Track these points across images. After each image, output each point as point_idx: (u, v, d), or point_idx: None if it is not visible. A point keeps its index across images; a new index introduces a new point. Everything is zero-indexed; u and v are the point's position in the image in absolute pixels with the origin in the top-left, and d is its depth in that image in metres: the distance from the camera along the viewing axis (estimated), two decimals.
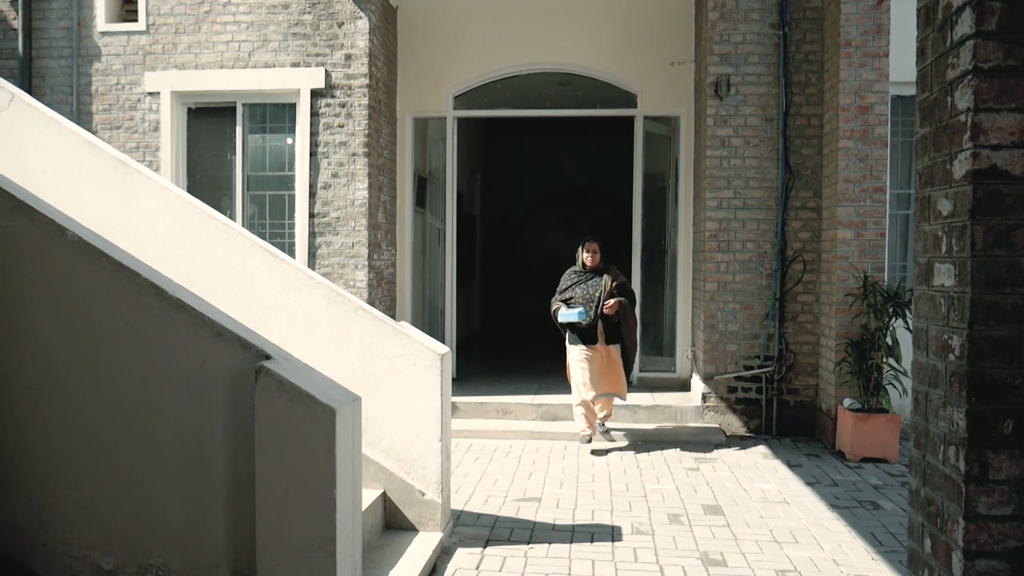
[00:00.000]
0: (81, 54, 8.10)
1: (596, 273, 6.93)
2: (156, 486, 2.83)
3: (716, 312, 7.53)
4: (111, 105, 8.08)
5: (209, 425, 2.78)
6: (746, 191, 7.48)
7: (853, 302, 6.75)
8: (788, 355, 7.45)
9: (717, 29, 7.45)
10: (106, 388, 2.86)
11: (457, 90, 8.83)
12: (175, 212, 4.94)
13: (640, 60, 8.48)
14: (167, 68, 8.00)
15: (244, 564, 2.76)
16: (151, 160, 8.00)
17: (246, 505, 2.73)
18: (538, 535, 4.81)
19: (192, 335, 2.78)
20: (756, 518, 5.12)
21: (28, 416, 2.92)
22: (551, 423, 7.52)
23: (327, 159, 7.80)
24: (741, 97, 7.45)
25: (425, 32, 8.77)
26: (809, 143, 7.44)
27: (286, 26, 7.85)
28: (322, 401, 2.61)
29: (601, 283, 6.84)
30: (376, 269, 8.00)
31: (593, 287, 6.86)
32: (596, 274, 6.93)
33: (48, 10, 8.13)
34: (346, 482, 2.70)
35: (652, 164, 8.84)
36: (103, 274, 2.84)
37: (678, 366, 8.64)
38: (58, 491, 2.91)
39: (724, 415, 7.51)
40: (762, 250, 7.48)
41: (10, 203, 2.87)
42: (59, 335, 2.89)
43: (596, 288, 6.83)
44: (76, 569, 2.90)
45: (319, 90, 7.80)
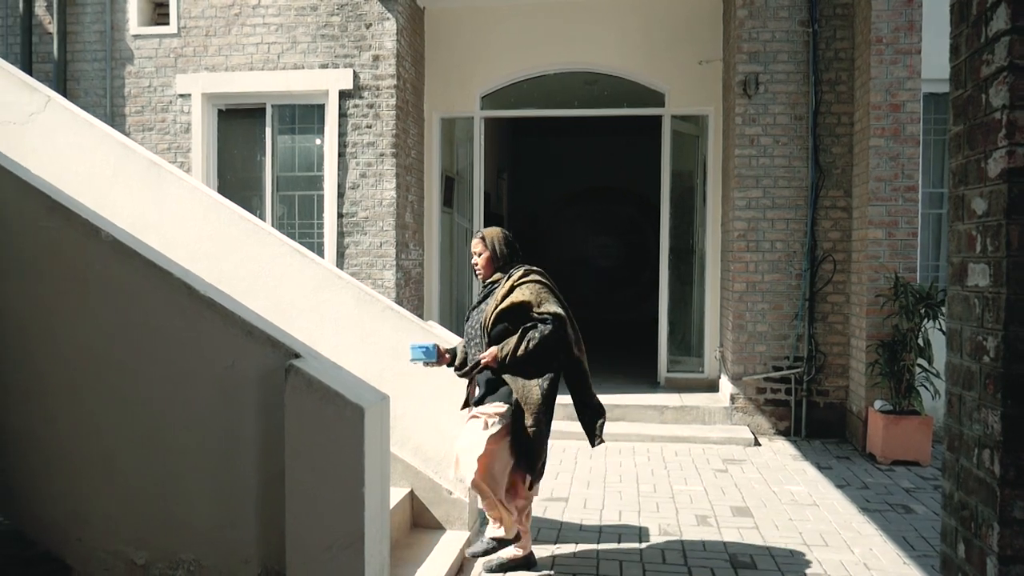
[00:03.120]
0: (114, 57, 8.22)
1: (493, 288, 4.17)
2: (188, 482, 2.87)
3: (745, 312, 7.48)
4: (143, 107, 8.19)
5: (240, 423, 2.81)
6: (775, 190, 7.42)
7: (884, 303, 6.67)
8: (818, 356, 7.37)
9: (745, 27, 7.40)
10: (139, 386, 2.90)
11: (484, 90, 8.85)
12: (206, 212, 5.00)
13: (668, 59, 8.44)
14: (198, 70, 8.10)
15: (274, 561, 2.79)
16: (182, 161, 8.10)
17: (276, 502, 2.75)
18: (565, 535, 4.80)
19: (223, 334, 2.81)
20: (785, 520, 5.08)
21: (63, 413, 2.97)
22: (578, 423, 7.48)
23: (355, 159, 7.85)
24: (770, 95, 7.39)
25: (452, 32, 8.79)
26: (839, 141, 7.36)
27: (314, 28, 7.91)
28: (351, 400, 2.63)
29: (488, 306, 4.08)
30: (404, 269, 8.03)
31: (479, 314, 4.15)
32: (493, 289, 4.17)
33: (82, 14, 8.26)
34: (374, 480, 2.72)
35: (680, 163, 8.79)
36: (136, 273, 2.88)
37: (706, 367, 8.58)
38: (93, 487, 2.95)
39: (753, 416, 7.45)
40: (791, 250, 7.41)
41: (47, 204, 2.93)
42: (93, 333, 2.93)
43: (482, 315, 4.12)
44: (110, 563, 2.95)
45: (347, 91, 7.85)
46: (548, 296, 4.00)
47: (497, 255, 4.19)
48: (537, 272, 4.12)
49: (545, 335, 3.88)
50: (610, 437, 7.15)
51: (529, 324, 3.91)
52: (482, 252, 4.20)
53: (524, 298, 3.95)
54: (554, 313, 3.92)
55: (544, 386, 3.97)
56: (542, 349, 3.89)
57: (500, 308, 3.97)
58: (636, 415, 7.58)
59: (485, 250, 4.20)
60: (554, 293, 4.07)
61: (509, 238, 4.25)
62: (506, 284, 4.05)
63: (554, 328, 3.91)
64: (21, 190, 2.94)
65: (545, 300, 3.97)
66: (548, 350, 3.92)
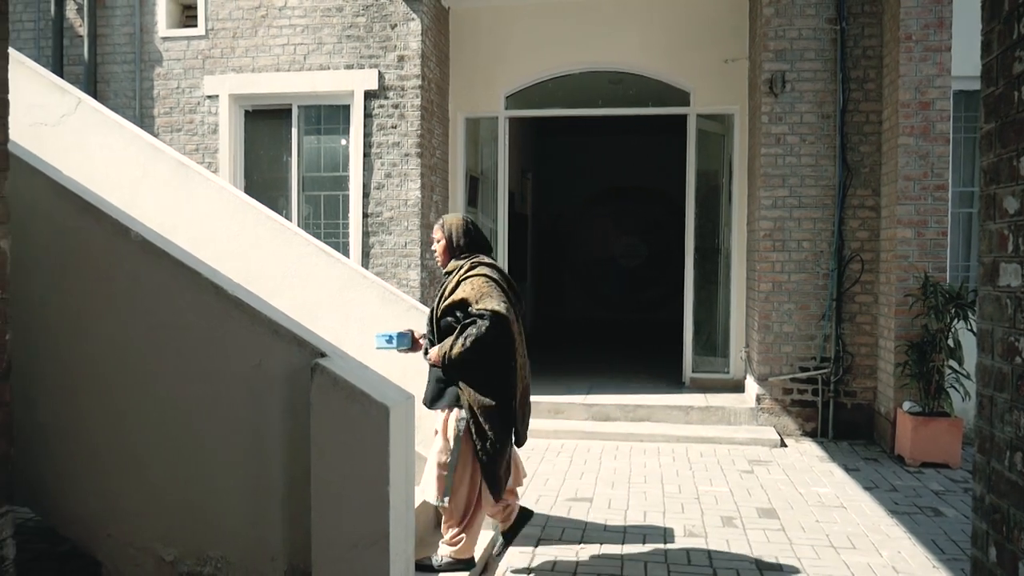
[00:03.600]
0: (143, 59, 8.32)
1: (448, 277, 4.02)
2: (216, 480, 2.90)
3: (771, 312, 7.42)
4: (172, 108, 8.28)
5: (266, 421, 2.83)
6: (802, 189, 7.35)
7: (914, 303, 6.59)
8: (845, 356, 7.30)
9: (772, 25, 7.34)
10: (168, 384, 2.93)
11: (509, 90, 8.85)
12: (233, 213, 5.05)
13: (693, 57, 8.40)
14: (225, 72, 8.17)
15: (300, 558, 2.81)
16: (210, 162, 8.18)
17: (302, 500, 2.77)
18: (589, 535, 4.79)
19: (250, 333, 2.84)
20: (812, 522, 5.04)
21: (93, 410, 3.01)
22: (603, 423, 7.49)
23: (380, 160, 7.88)
24: (797, 94, 7.33)
25: (477, 32, 8.80)
26: (867, 140, 7.28)
27: (340, 29, 7.95)
28: (376, 399, 2.65)
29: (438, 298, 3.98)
30: (428, 268, 8.06)
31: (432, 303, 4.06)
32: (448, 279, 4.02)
33: (112, 17, 8.37)
34: (399, 479, 2.73)
35: (705, 162, 8.74)
36: (165, 273, 2.92)
37: (732, 367, 8.53)
38: (122, 483, 2.99)
39: (779, 417, 7.39)
40: (818, 249, 7.35)
41: (77, 205, 2.97)
42: (123, 332, 2.97)
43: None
44: (139, 559, 2.98)
45: (372, 91, 7.89)
46: (491, 291, 3.79)
47: (453, 244, 4.02)
48: (486, 265, 3.93)
49: (481, 333, 3.69)
50: (634, 437, 7.15)
51: (468, 320, 3.74)
52: (440, 239, 4.06)
53: (464, 294, 3.80)
54: (492, 310, 3.72)
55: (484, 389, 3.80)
56: (479, 346, 3.70)
57: (447, 302, 3.84)
58: (661, 415, 7.55)
59: (443, 238, 4.05)
60: (501, 288, 3.86)
61: (470, 227, 4.06)
62: (455, 277, 3.91)
63: (490, 324, 3.70)
64: (53, 191, 2.99)
65: (485, 296, 3.76)
66: (486, 347, 3.72)
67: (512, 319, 3.82)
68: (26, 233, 2.91)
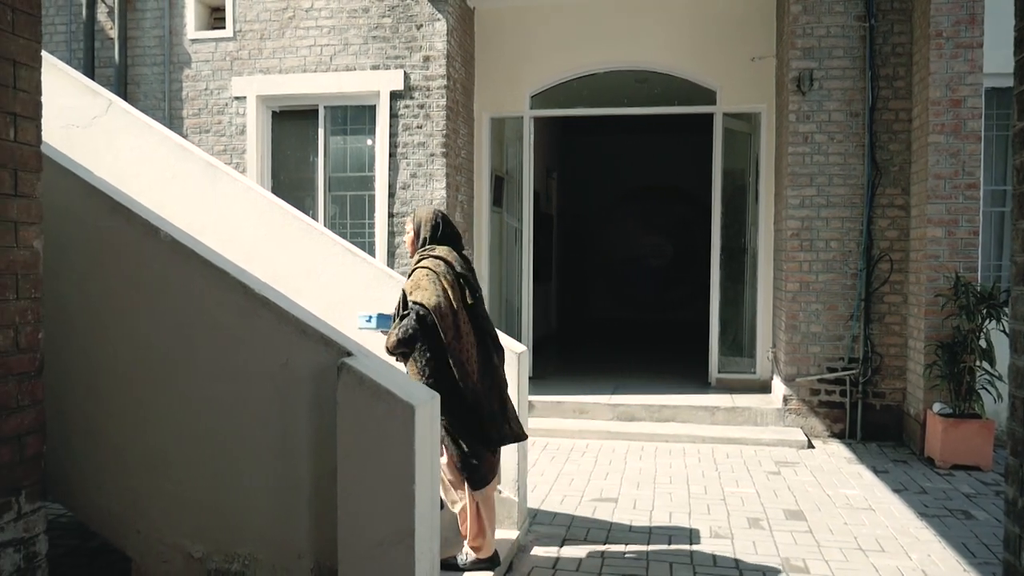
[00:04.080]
0: (172, 61, 8.42)
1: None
2: (243, 478, 2.92)
3: (798, 312, 7.35)
4: (200, 110, 8.37)
5: (293, 420, 2.85)
6: (830, 188, 7.28)
7: (944, 303, 6.51)
8: (874, 357, 7.22)
9: (800, 23, 7.27)
10: (196, 383, 2.96)
11: (534, 89, 8.85)
12: (260, 213, 5.10)
13: (719, 56, 8.34)
14: (253, 73, 8.25)
15: (326, 556, 2.83)
16: (237, 162, 8.26)
17: (328, 498, 2.79)
18: (614, 536, 4.78)
19: (277, 332, 2.86)
20: (840, 524, 4.99)
21: (124, 408, 3.05)
22: (628, 423, 7.47)
23: (406, 160, 7.91)
24: (825, 92, 7.26)
25: (502, 32, 8.81)
26: (897, 138, 7.20)
27: (366, 30, 7.99)
28: (401, 398, 2.66)
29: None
30: None
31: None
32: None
33: (142, 20, 8.47)
34: (425, 478, 2.74)
35: (732, 161, 8.69)
36: (194, 273, 2.95)
37: (758, 367, 8.47)
38: (151, 480, 3.03)
39: (806, 418, 7.33)
40: (847, 249, 7.27)
41: (108, 205, 3.01)
42: (153, 331, 3.01)
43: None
44: (168, 556, 3.02)
45: (398, 92, 7.92)
46: (426, 283, 3.80)
47: (418, 237, 4.07)
48: (434, 257, 3.92)
49: (407, 325, 3.74)
50: (660, 438, 7.12)
51: (404, 313, 3.80)
52: (409, 231, 4.14)
53: (405, 286, 3.86)
54: (418, 302, 3.74)
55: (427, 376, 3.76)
56: (409, 338, 3.73)
57: (400, 295, 3.92)
58: (686, 416, 7.52)
59: (412, 230, 4.11)
60: (441, 279, 3.83)
61: (438, 220, 4.07)
62: (410, 269, 3.96)
63: (416, 318, 3.73)
64: (85, 192, 3.03)
65: (417, 288, 3.79)
66: (414, 339, 3.74)
67: (446, 312, 3.77)
68: (58, 233, 2.96)
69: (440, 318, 3.74)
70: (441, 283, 3.82)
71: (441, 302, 3.77)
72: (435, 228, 4.05)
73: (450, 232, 4.09)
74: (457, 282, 3.89)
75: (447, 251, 3.97)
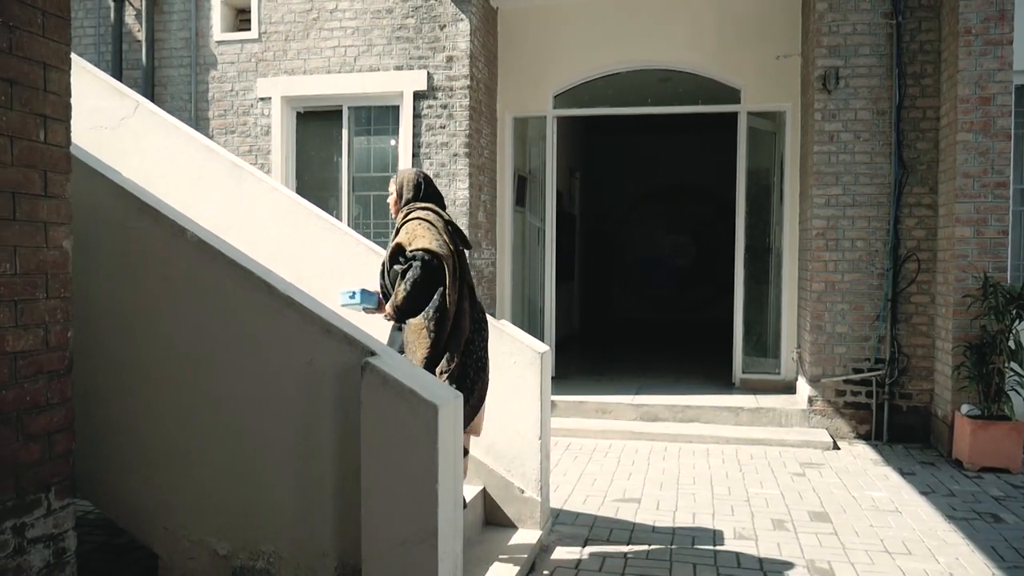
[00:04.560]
0: (199, 63, 8.50)
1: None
2: (268, 476, 2.95)
3: (823, 313, 7.29)
4: (226, 111, 8.45)
5: (317, 419, 2.87)
6: (856, 187, 7.21)
7: (972, 303, 6.42)
8: (901, 358, 7.14)
9: (825, 20, 7.21)
10: (222, 381, 2.99)
11: (557, 89, 8.84)
12: (285, 213, 5.13)
13: (744, 54, 8.29)
14: (278, 74, 8.31)
15: (350, 554, 2.84)
16: (262, 163, 8.32)
17: (352, 497, 2.80)
18: (637, 536, 4.77)
19: (301, 331, 2.88)
20: (866, 527, 4.94)
21: (151, 406, 3.08)
22: (651, 424, 7.44)
23: (429, 159, 7.94)
24: (851, 90, 7.19)
25: (525, 32, 8.81)
26: (924, 137, 7.11)
27: (390, 30, 8.03)
28: (425, 397, 2.66)
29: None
30: (477, 267, 8.09)
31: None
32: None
33: (169, 22, 8.56)
34: (448, 477, 2.75)
35: (756, 161, 8.63)
36: (219, 272, 2.98)
37: (783, 368, 8.40)
38: (178, 478, 3.06)
39: (831, 419, 7.26)
40: (873, 248, 7.20)
41: (136, 205, 3.05)
42: (179, 330, 3.04)
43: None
44: (194, 553, 3.05)
45: (421, 92, 7.95)
46: (423, 232, 3.80)
47: (401, 197, 4.08)
48: (421, 209, 3.94)
49: (416, 274, 3.72)
50: (683, 438, 7.09)
51: (406, 266, 3.78)
52: (392, 192, 4.14)
53: (399, 239, 3.84)
54: (423, 248, 3.73)
55: (431, 328, 3.73)
56: (419, 287, 3.73)
57: (388, 252, 3.90)
58: (710, 416, 7.48)
59: (395, 191, 4.12)
60: (435, 228, 3.85)
61: (420, 180, 4.08)
62: (396, 227, 3.97)
63: (422, 264, 3.72)
64: (113, 192, 3.07)
65: (417, 237, 3.79)
66: (427, 286, 3.74)
67: (446, 255, 3.78)
68: (87, 233, 3.00)
69: (444, 260, 3.77)
70: (436, 228, 3.85)
71: (442, 244, 3.80)
72: (417, 187, 4.07)
73: (432, 192, 4.11)
74: (447, 228, 3.93)
75: (431, 207, 3.99)
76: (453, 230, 3.98)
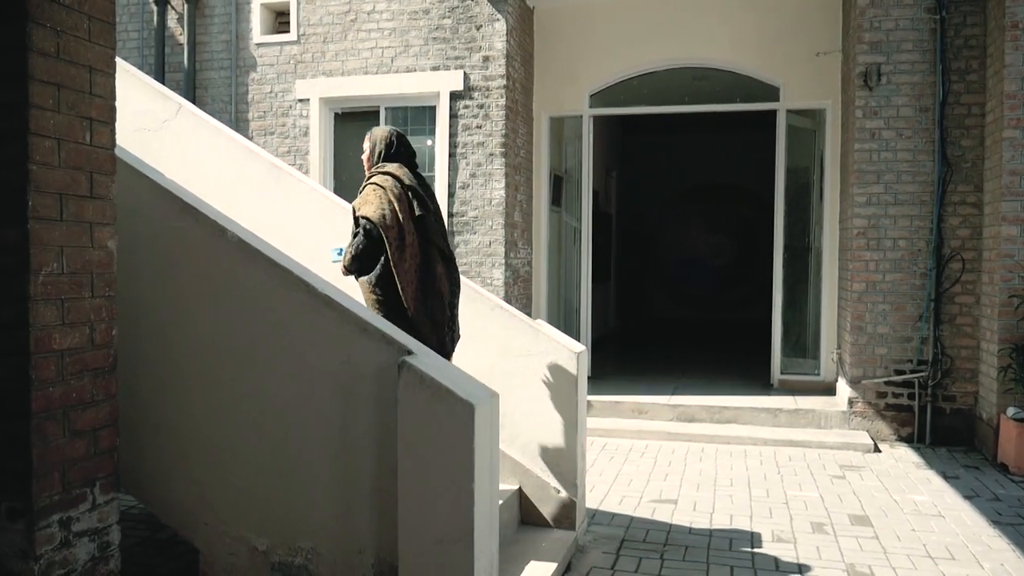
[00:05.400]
0: (239, 65, 8.62)
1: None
2: (306, 474, 2.98)
3: (864, 313, 7.18)
4: (265, 112, 8.55)
5: (355, 417, 2.89)
6: (898, 186, 7.09)
7: (1019, 304, 6.28)
8: (944, 359, 7.01)
9: (867, 16, 7.10)
10: (261, 379, 3.03)
11: (593, 88, 8.81)
12: (323, 213, 5.18)
13: (783, 52, 8.19)
14: (316, 76, 8.39)
15: (387, 552, 2.86)
16: (301, 163, 8.41)
17: (389, 495, 2.82)
18: (674, 538, 4.74)
19: (339, 330, 2.91)
20: (908, 531, 4.86)
21: (193, 404, 3.13)
22: (688, 424, 7.39)
23: (465, 159, 7.96)
24: (893, 87, 7.07)
25: (561, 31, 8.79)
26: (969, 134, 6.97)
27: (427, 31, 8.06)
28: (461, 396, 2.67)
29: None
30: (512, 267, 8.09)
31: None
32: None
33: (210, 25, 8.69)
34: (484, 477, 2.75)
35: (795, 159, 8.53)
36: (259, 272, 3.01)
37: (822, 369, 8.29)
38: (218, 474, 3.11)
39: (872, 421, 7.15)
40: (915, 248, 7.07)
41: (178, 206, 3.10)
42: (220, 329, 3.09)
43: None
44: (234, 548, 3.09)
45: (458, 92, 7.97)
46: (373, 199, 3.87)
47: (373, 154, 4.13)
48: (383, 173, 3.98)
49: (358, 241, 3.84)
50: (720, 439, 7.03)
51: (356, 231, 3.88)
52: (365, 149, 4.18)
53: (354, 202, 3.94)
54: (365, 216, 3.83)
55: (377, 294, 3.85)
56: (362, 253, 3.84)
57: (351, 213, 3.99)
58: (748, 417, 7.41)
59: (368, 148, 4.17)
60: (387, 196, 3.87)
61: (392, 138, 4.12)
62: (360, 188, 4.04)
63: (364, 232, 3.82)
64: (156, 193, 3.12)
65: (366, 203, 3.87)
66: (370, 252, 3.84)
67: (390, 225, 3.81)
68: (130, 233, 3.05)
69: (385, 230, 3.80)
70: (387, 196, 3.87)
71: (386, 214, 3.83)
72: (389, 145, 4.11)
73: (404, 150, 4.13)
74: (405, 195, 3.93)
75: (398, 167, 4.01)
76: (415, 195, 3.95)
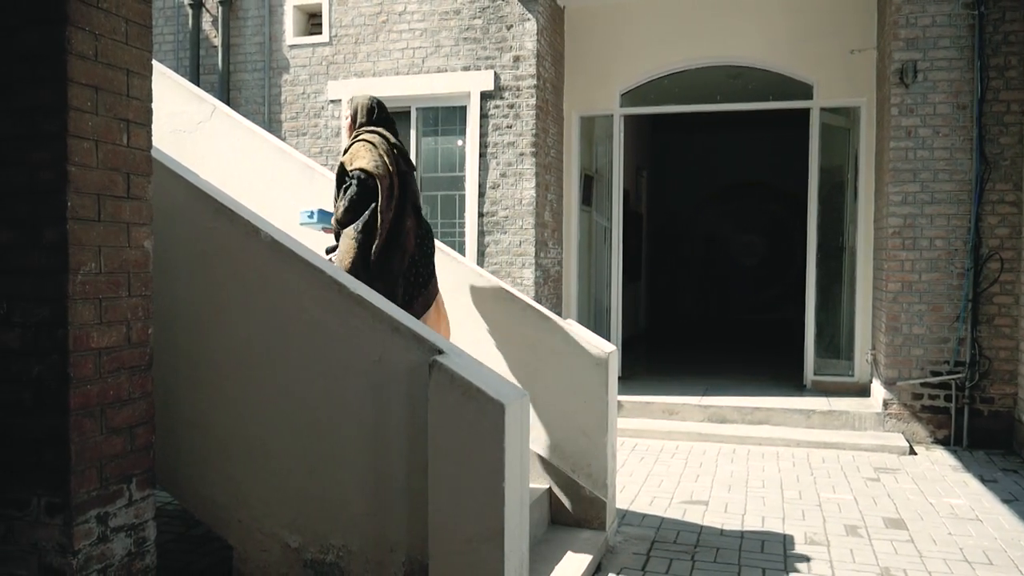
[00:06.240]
0: (272, 67, 8.71)
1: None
2: (339, 472, 3.00)
3: (900, 314, 7.08)
4: (298, 113, 8.63)
5: (386, 416, 2.91)
6: (934, 184, 6.98)
7: None
8: (982, 361, 6.89)
9: (903, 12, 7.00)
10: (294, 377, 3.06)
11: (624, 87, 8.78)
12: None
13: (816, 49, 8.10)
14: (348, 77, 8.45)
15: (417, 550, 2.88)
16: (333, 164, 8.47)
17: (420, 494, 2.84)
18: (705, 539, 4.71)
19: (371, 330, 2.93)
20: (944, 535, 4.78)
21: (227, 402, 3.17)
22: (719, 425, 7.34)
23: (496, 159, 7.97)
24: (929, 84, 6.96)
25: (592, 30, 8.77)
26: (1008, 131, 6.84)
27: (457, 31, 8.09)
28: (491, 396, 2.68)
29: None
30: (543, 267, 8.09)
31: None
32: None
33: (243, 27, 8.79)
34: (514, 476, 2.76)
35: (829, 158, 8.43)
36: (292, 271, 3.05)
37: (856, 370, 8.19)
38: (252, 471, 3.14)
39: (907, 423, 7.05)
40: (952, 247, 6.96)
41: (213, 206, 3.14)
42: (254, 327, 3.12)
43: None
44: (267, 545, 3.13)
45: (488, 92, 7.99)
46: (364, 153, 4.02)
47: (355, 121, 4.27)
48: (368, 132, 4.15)
49: (353, 192, 3.97)
50: (752, 441, 6.97)
51: (347, 184, 4.01)
52: (346, 117, 4.33)
53: (343, 160, 4.07)
54: (359, 168, 3.98)
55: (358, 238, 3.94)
56: (355, 204, 3.98)
57: (336, 173, 4.12)
58: (780, 418, 7.34)
59: (349, 116, 4.31)
60: (376, 150, 4.04)
61: (373, 105, 4.27)
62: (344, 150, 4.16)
63: (358, 182, 3.97)
64: (191, 194, 3.16)
65: (357, 157, 4.02)
66: (363, 202, 3.97)
67: (382, 175, 3.99)
68: (166, 233, 3.10)
69: (379, 179, 3.98)
70: (377, 151, 4.05)
71: (379, 165, 4.01)
72: (370, 112, 4.27)
73: (384, 117, 4.29)
74: (391, 152, 4.11)
75: (381, 131, 4.17)
76: (399, 152, 4.16)
